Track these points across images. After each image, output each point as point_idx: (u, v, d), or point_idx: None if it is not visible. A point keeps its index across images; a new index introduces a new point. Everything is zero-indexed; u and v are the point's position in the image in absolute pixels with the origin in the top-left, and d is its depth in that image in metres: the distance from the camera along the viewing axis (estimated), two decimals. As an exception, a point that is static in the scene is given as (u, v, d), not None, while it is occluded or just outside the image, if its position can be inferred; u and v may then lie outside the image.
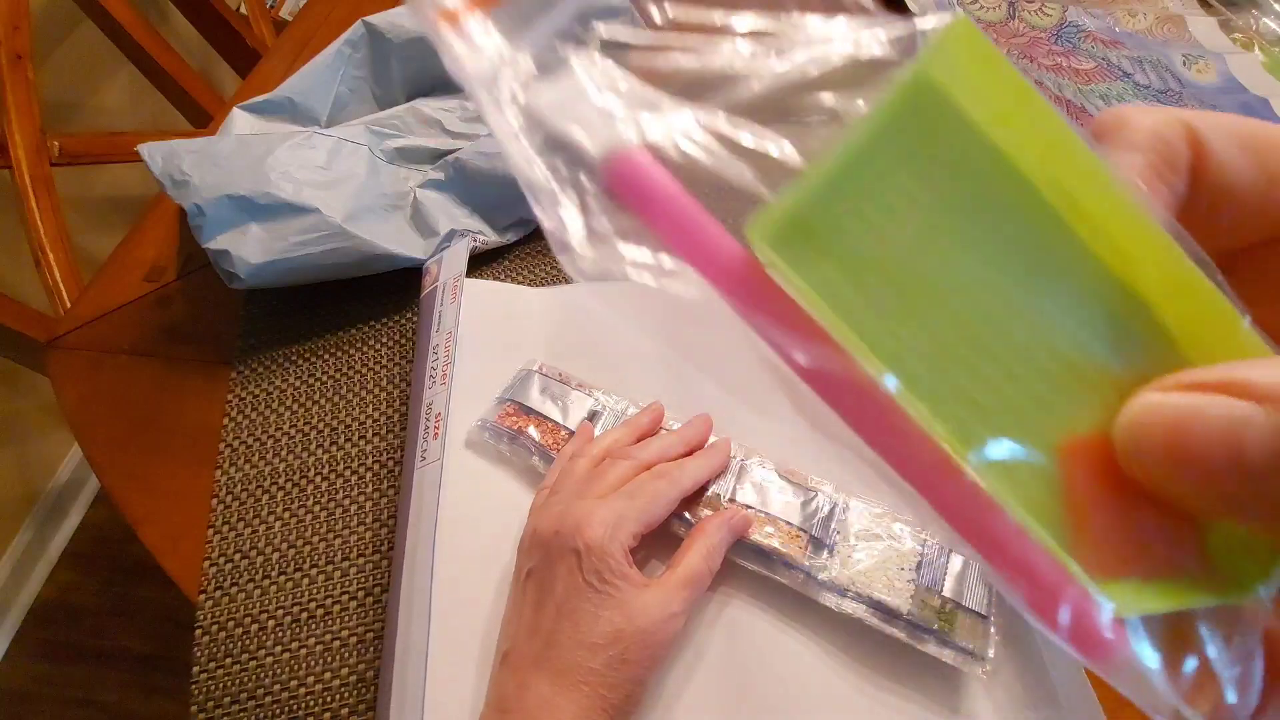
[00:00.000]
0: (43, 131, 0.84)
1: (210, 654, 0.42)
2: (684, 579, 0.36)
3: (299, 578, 0.44)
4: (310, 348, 0.54)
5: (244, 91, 0.72)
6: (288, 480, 0.48)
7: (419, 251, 0.54)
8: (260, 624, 0.42)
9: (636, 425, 0.43)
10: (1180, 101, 0.65)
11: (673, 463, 0.40)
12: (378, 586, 0.43)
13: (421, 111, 0.60)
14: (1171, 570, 0.12)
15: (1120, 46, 0.70)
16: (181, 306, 0.58)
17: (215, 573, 0.44)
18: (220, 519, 0.46)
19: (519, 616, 0.36)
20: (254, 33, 1.15)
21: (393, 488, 0.47)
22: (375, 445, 0.49)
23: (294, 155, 0.53)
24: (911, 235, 0.12)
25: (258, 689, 0.40)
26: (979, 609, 0.37)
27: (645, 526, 0.37)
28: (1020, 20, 0.73)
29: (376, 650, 0.41)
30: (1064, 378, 0.13)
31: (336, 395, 0.51)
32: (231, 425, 0.50)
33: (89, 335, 0.57)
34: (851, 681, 0.38)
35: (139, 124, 1.39)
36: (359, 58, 0.62)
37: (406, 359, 0.53)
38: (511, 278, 0.56)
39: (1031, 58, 0.68)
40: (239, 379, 0.53)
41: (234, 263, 0.50)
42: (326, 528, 0.46)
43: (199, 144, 0.53)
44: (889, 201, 0.12)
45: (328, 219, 0.51)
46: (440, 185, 0.57)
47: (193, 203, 0.50)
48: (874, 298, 0.12)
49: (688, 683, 0.38)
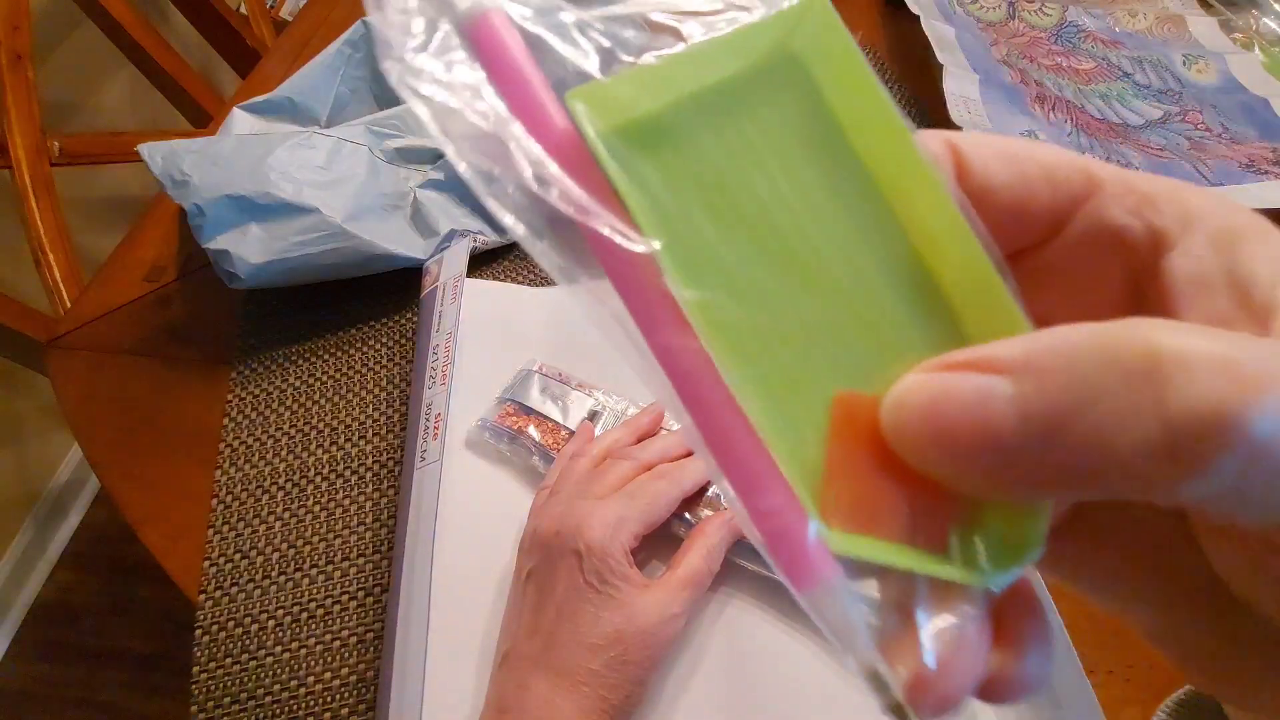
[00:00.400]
0: (43, 131, 0.84)
1: (210, 654, 0.42)
2: (684, 580, 0.36)
3: (299, 578, 0.44)
4: (310, 348, 0.54)
5: (244, 91, 0.72)
6: (288, 480, 0.48)
7: (419, 251, 0.54)
8: (260, 624, 0.42)
9: (636, 425, 0.43)
10: (1180, 101, 0.65)
11: (673, 463, 0.40)
12: (378, 586, 0.43)
13: (421, 111, 0.60)
14: (908, 536, 0.12)
15: (1120, 46, 0.70)
16: (181, 306, 0.58)
17: (215, 573, 0.44)
18: (220, 519, 0.46)
19: (519, 617, 0.36)
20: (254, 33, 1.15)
21: (393, 488, 0.47)
22: (375, 445, 0.49)
23: (294, 155, 0.53)
24: (735, 171, 0.13)
25: (258, 689, 0.40)
26: (979, 609, 0.37)
27: (646, 527, 0.37)
28: (1020, 20, 0.73)
29: (376, 650, 0.41)
30: (859, 333, 0.13)
31: (336, 395, 0.51)
32: (231, 425, 0.50)
33: (89, 335, 0.57)
34: (850, 681, 0.38)
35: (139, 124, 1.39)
36: (359, 58, 0.62)
37: (406, 359, 0.53)
38: (511, 278, 0.56)
39: (1031, 58, 0.68)
40: (239, 379, 0.53)
41: (234, 263, 0.50)
42: (326, 528, 0.46)
43: (199, 144, 0.53)
44: (723, 135, 0.13)
45: (328, 219, 0.51)
46: (440, 185, 0.57)
47: (193, 203, 0.50)
48: (687, 206, 0.13)
49: (688, 683, 0.38)
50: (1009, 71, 0.66)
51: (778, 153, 0.13)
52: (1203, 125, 0.62)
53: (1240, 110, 0.63)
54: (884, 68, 0.70)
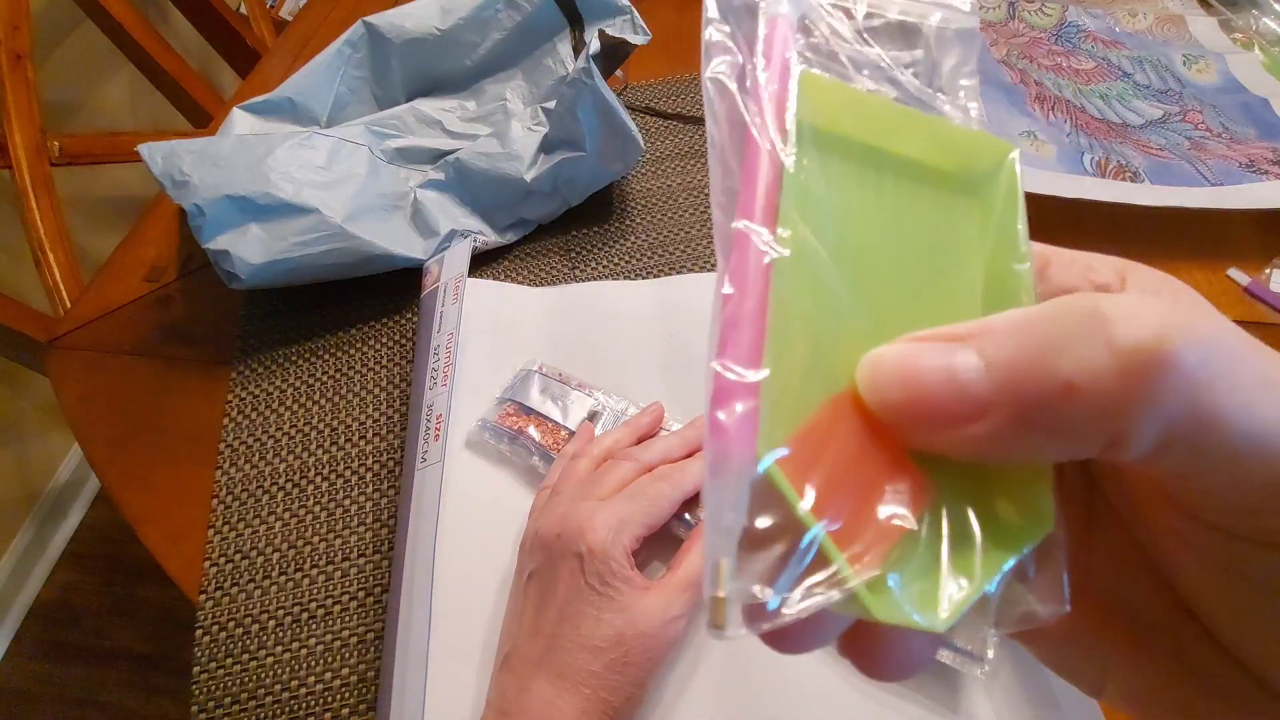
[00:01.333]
0: (43, 131, 0.84)
1: (210, 654, 0.42)
2: (685, 581, 0.36)
3: (299, 578, 0.44)
4: (310, 348, 0.54)
5: (244, 91, 0.72)
6: (288, 480, 0.48)
7: (419, 251, 0.54)
8: (260, 624, 0.42)
9: (637, 426, 0.43)
10: (1180, 101, 0.65)
11: (674, 464, 0.40)
12: (378, 587, 0.43)
13: (421, 111, 0.60)
14: (835, 513, 0.13)
15: (1120, 46, 0.70)
16: (181, 306, 0.58)
17: (215, 573, 0.44)
18: (220, 519, 0.46)
19: (520, 618, 0.36)
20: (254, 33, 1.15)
21: (393, 488, 0.47)
22: (375, 445, 0.49)
23: (294, 155, 0.53)
24: (874, 216, 0.16)
25: (258, 689, 0.40)
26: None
27: (647, 529, 0.37)
28: (1020, 20, 0.73)
29: (377, 651, 0.41)
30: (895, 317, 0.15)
31: (336, 395, 0.51)
32: (231, 425, 0.50)
33: (89, 335, 0.57)
34: (851, 682, 0.38)
35: (139, 124, 1.39)
36: (359, 58, 0.62)
37: (406, 359, 0.53)
38: (511, 278, 0.56)
39: (1031, 58, 0.68)
40: (239, 379, 0.53)
41: (234, 263, 0.50)
42: (326, 528, 0.46)
43: (199, 144, 0.53)
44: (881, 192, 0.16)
45: (328, 219, 0.51)
46: (440, 185, 0.57)
47: (193, 203, 0.50)
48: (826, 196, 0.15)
49: (688, 685, 0.38)
50: (1009, 71, 0.66)
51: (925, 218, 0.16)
52: (1203, 125, 0.62)
53: (1240, 110, 0.63)
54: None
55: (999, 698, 0.37)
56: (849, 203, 0.15)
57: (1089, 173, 0.56)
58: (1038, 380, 0.12)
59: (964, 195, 0.17)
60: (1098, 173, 0.56)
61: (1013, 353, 0.12)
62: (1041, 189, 0.53)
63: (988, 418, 0.12)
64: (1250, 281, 0.53)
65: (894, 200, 0.16)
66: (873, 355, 0.14)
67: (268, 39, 1.17)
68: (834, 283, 0.14)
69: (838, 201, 0.15)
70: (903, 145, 0.16)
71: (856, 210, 0.15)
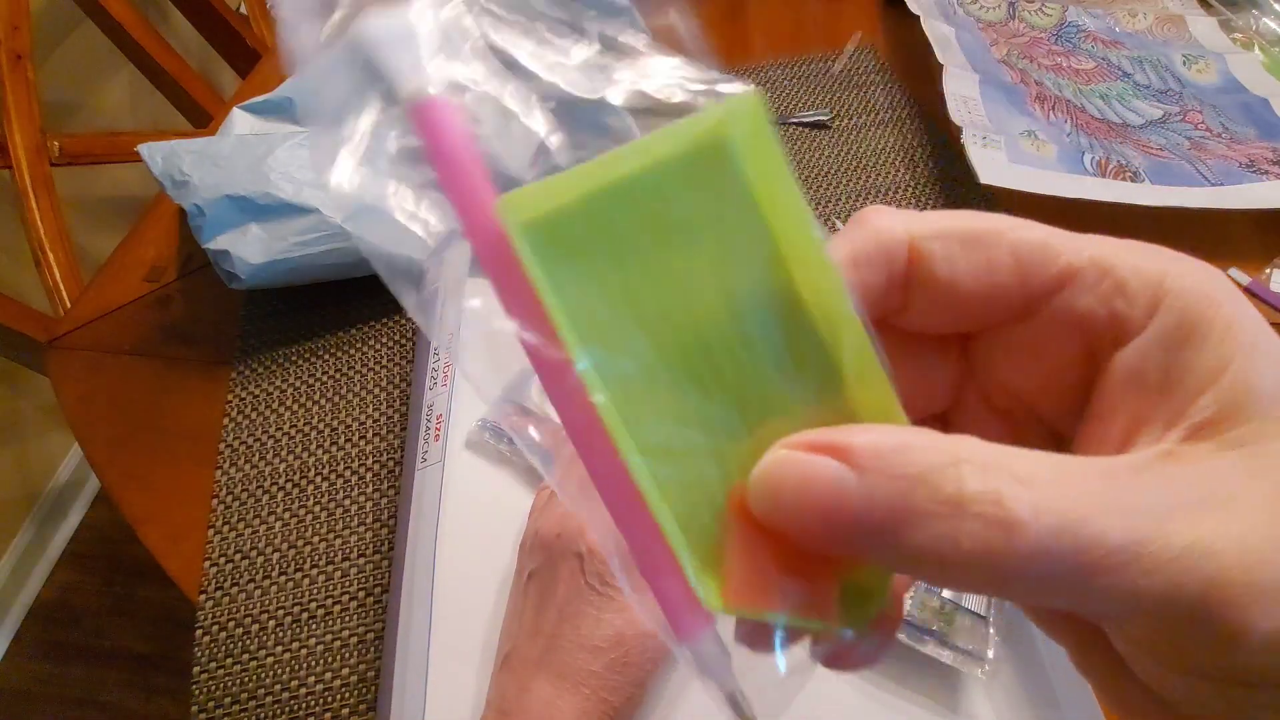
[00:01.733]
0: (43, 131, 0.84)
1: (210, 654, 0.42)
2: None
3: (299, 578, 0.44)
4: (310, 348, 0.54)
5: (244, 91, 0.72)
6: (288, 480, 0.48)
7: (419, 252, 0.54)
8: (260, 624, 0.42)
9: (637, 426, 0.43)
10: (1180, 101, 0.65)
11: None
12: (378, 587, 0.43)
13: (421, 111, 0.60)
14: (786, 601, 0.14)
15: (1120, 46, 0.70)
16: (181, 306, 0.58)
17: (215, 573, 0.44)
18: (220, 519, 0.46)
19: (520, 618, 0.36)
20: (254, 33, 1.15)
21: (393, 488, 0.47)
22: (375, 445, 0.49)
23: (294, 155, 0.53)
24: (653, 255, 0.14)
25: (258, 689, 0.40)
26: (978, 610, 0.37)
27: (646, 527, 0.37)
28: (1020, 20, 0.73)
29: (377, 650, 0.41)
30: (756, 416, 0.14)
31: (336, 395, 0.51)
32: (231, 425, 0.50)
33: (89, 335, 0.57)
34: (851, 681, 0.38)
35: (139, 124, 1.39)
36: (359, 58, 0.62)
37: (406, 359, 0.53)
38: (512, 278, 0.56)
39: (1031, 58, 0.68)
40: (239, 379, 0.53)
41: (234, 263, 0.50)
42: (326, 528, 0.46)
43: (199, 144, 0.53)
44: (644, 218, 0.14)
45: (328, 219, 0.51)
46: (440, 185, 0.57)
47: (193, 203, 0.50)
48: (603, 303, 0.14)
49: (689, 685, 0.38)
50: (1009, 71, 0.66)
51: (697, 235, 0.14)
52: (1203, 125, 0.62)
53: (1240, 110, 0.63)
54: (884, 67, 0.70)
55: (999, 698, 0.37)
56: (629, 293, 0.14)
57: (1089, 173, 0.56)
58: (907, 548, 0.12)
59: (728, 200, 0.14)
60: (1098, 173, 0.56)
61: (885, 509, 0.12)
62: (1041, 189, 0.53)
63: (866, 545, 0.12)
64: (1250, 281, 0.53)
65: (664, 254, 0.14)
66: (764, 466, 0.13)
67: (268, 39, 1.17)
68: (663, 381, 0.14)
69: (617, 299, 0.14)
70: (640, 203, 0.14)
71: (637, 292, 0.14)
